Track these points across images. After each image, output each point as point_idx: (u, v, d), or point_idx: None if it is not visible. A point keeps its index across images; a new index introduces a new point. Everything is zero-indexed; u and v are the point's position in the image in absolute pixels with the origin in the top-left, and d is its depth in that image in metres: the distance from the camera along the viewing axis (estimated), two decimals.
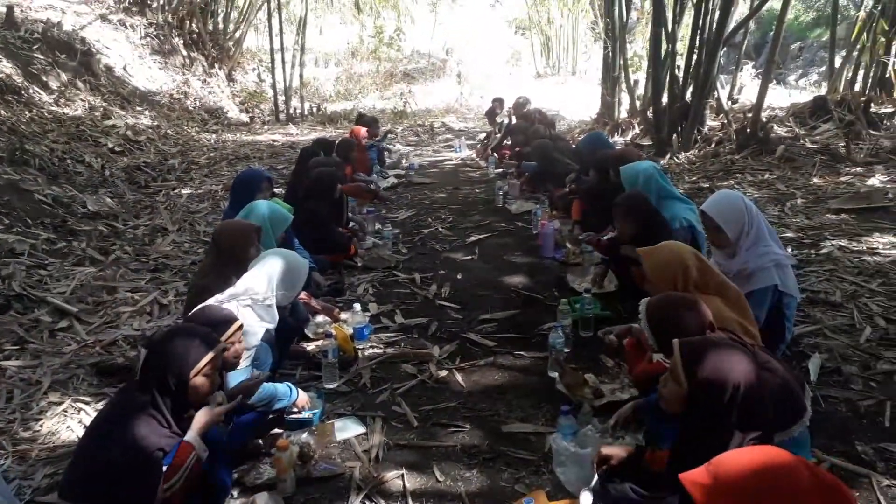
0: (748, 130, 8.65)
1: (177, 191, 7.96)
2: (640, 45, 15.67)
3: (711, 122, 9.71)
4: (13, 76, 8.67)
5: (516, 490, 2.73)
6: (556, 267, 5.36)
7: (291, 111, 15.41)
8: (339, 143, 7.61)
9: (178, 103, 12.88)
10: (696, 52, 9.34)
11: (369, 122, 9.47)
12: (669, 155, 9.12)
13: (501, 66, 23.88)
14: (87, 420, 3.27)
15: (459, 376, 3.71)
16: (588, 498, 2.54)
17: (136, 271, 5.36)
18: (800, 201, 6.62)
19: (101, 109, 9.78)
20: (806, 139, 8.44)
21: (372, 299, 4.81)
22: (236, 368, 2.92)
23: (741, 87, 11.92)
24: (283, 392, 3.06)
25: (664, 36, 9.86)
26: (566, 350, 3.76)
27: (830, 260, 5.06)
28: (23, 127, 7.67)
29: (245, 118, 14.74)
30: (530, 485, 2.76)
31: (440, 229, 6.56)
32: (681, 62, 10.09)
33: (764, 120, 8.86)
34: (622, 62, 12.02)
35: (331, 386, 3.59)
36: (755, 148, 8.41)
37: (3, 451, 3.05)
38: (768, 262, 3.33)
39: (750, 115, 8.91)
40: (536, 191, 7.60)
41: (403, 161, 9.88)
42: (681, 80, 9.77)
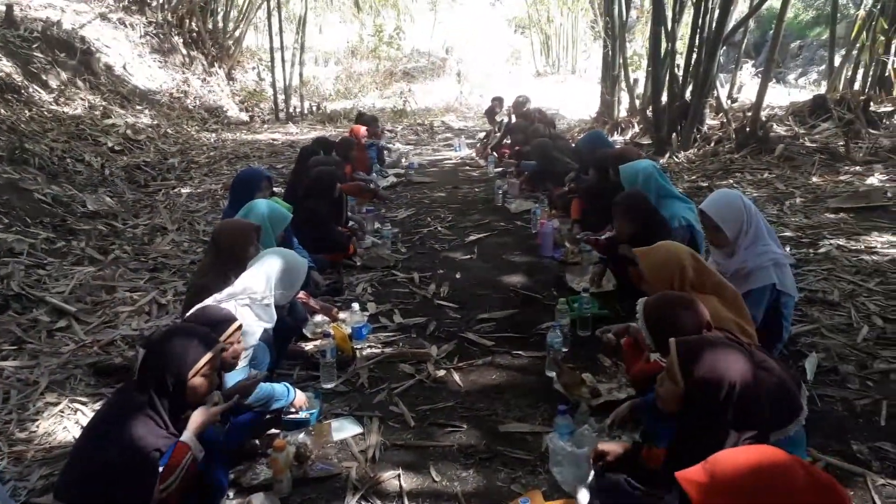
0: (747, 129, 8.64)
1: (176, 190, 7.97)
2: (639, 43, 15.65)
3: (711, 120, 9.70)
4: (13, 75, 8.67)
5: (513, 490, 2.73)
6: (554, 266, 5.36)
7: (291, 110, 15.41)
8: (339, 142, 7.61)
9: (178, 102, 12.88)
10: (695, 51, 9.34)
11: (369, 120, 9.47)
12: (669, 154, 9.12)
13: (501, 65, 23.87)
14: (84, 420, 3.27)
15: (457, 376, 3.71)
16: (585, 495, 2.55)
17: (135, 271, 5.36)
18: (799, 200, 6.62)
19: (101, 108, 9.77)
20: (805, 138, 8.43)
21: (370, 299, 4.82)
22: (235, 369, 2.92)
23: (741, 85, 11.91)
24: (281, 392, 3.06)
25: (664, 34, 9.85)
26: (564, 349, 3.76)
27: (829, 259, 5.06)
28: (22, 126, 7.67)
29: (245, 117, 14.74)
30: (527, 485, 2.76)
31: (439, 228, 6.57)
32: (680, 61, 10.09)
33: (763, 119, 8.85)
34: (622, 61, 12.01)
35: (329, 386, 3.59)
36: (754, 147, 8.40)
37: None
38: (767, 261, 3.33)
39: (749, 114, 8.90)
40: (536, 190, 7.60)
41: (403, 160, 9.87)
42: (680, 79, 9.77)
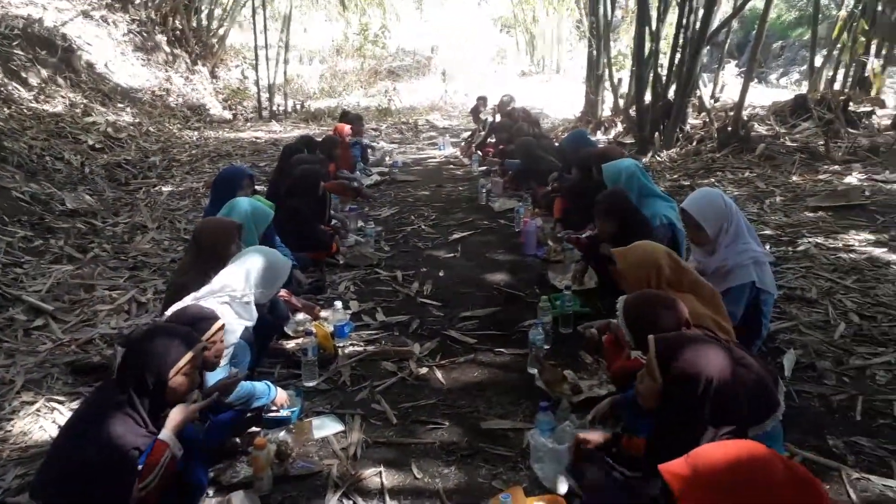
0: (729, 129, 8.71)
1: (157, 188, 7.90)
2: (624, 43, 15.74)
3: (693, 120, 9.78)
4: None
5: (494, 486, 2.74)
6: (537, 264, 5.37)
7: (275, 108, 15.33)
8: (323, 140, 7.59)
9: (161, 100, 12.77)
10: (679, 51, 9.39)
11: (353, 119, 9.44)
12: (651, 153, 9.17)
13: (486, 64, 23.90)
14: (60, 420, 3.24)
15: (439, 373, 3.71)
16: (564, 483, 2.57)
17: (115, 269, 5.31)
18: (779, 199, 6.68)
19: (82, 106, 9.67)
20: (786, 137, 8.51)
21: (353, 297, 4.80)
22: (217, 368, 2.91)
23: (723, 85, 11.97)
24: (262, 390, 3.05)
25: (648, 34, 9.90)
26: (546, 347, 3.78)
27: (807, 257, 5.12)
28: (1, 124, 7.57)
29: (228, 115, 14.64)
30: (508, 481, 2.77)
31: (423, 227, 6.56)
32: (664, 61, 10.14)
33: (745, 118, 8.93)
34: (606, 61, 12.06)
35: (310, 384, 3.58)
36: (736, 146, 8.47)
37: None
38: (747, 259, 3.36)
39: (731, 114, 8.98)
40: (519, 188, 7.61)
41: (387, 158, 9.85)
42: (664, 79, 9.82)
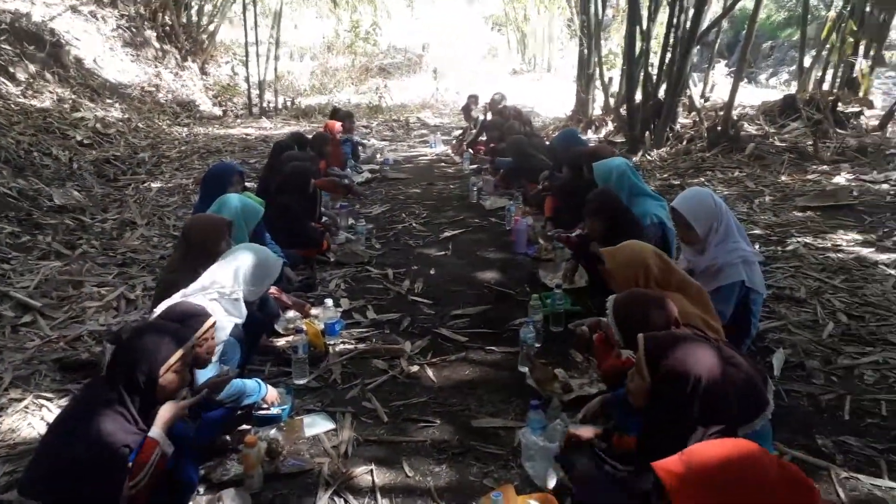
0: (719, 128, 8.75)
1: (146, 184, 7.85)
2: (614, 42, 15.74)
3: (684, 119, 9.82)
4: None
5: (485, 484, 2.74)
6: (528, 263, 5.38)
7: (265, 105, 15.27)
8: (314, 137, 7.57)
9: (150, 96, 12.68)
10: (669, 50, 9.42)
11: (344, 116, 9.41)
12: (642, 152, 9.20)
13: (478, 63, 23.88)
14: (49, 417, 3.22)
15: (430, 371, 3.71)
16: (554, 478, 2.57)
17: (104, 265, 5.28)
18: (768, 199, 6.72)
19: (70, 102, 9.60)
20: (775, 137, 8.56)
21: (344, 295, 4.80)
22: (209, 365, 2.90)
23: (713, 85, 12.02)
24: (252, 388, 3.04)
25: (639, 34, 9.92)
26: (537, 345, 3.78)
27: (796, 257, 5.15)
28: None
29: (218, 112, 14.57)
30: (499, 479, 2.77)
31: (414, 225, 6.56)
32: (655, 60, 10.17)
33: (735, 118, 8.97)
34: (597, 59, 12.08)
35: (301, 382, 3.57)
36: (726, 145, 8.51)
37: None
38: (736, 258, 3.38)
39: (721, 114, 9.02)
40: (511, 187, 7.62)
41: (378, 156, 9.84)
42: (654, 78, 9.85)
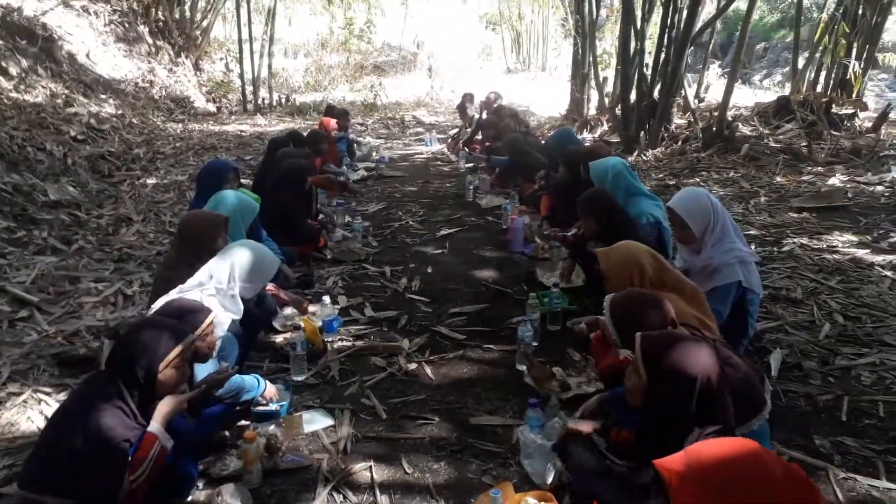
0: (714, 129, 8.78)
1: (142, 180, 7.81)
2: (609, 42, 15.79)
3: (678, 119, 9.84)
4: None
5: (483, 482, 2.75)
6: (525, 261, 5.39)
7: (259, 102, 15.23)
8: (309, 134, 7.56)
9: (144, 92, 12.61)
10: (664, 51, 9.45)
11: (340, 114, 9.41)
12: (637, 152, 9.23)
13: (472, 61, 23.90)
14: (47, 411, 3.21)
15: (429, 369, 3.71)
16: (552, 474, 2.58)
17: (100, 261, 5.26)
18: (763, 199, 6.76)
19: (63, 97, 9.53)
20: (770, 138, 8.60)
21: (341, 292, 4.79)
22: (209, 359, 2.90)
23: (707, 85, 12.09)
24: (251, 384, 3.04)
25: (633, 34, 9.95)
26: (534, 344, 3.79)
27: (792, 257, 5.18)
28: None
29: (212, 108, 14.52)
30: (497, 477, 2.77)
31: (410, 223, 6.56)
32: (649, 60, 10.21)
33: (729, 119, 9.01)
34: (591, 59, 12.10)
35: (299, 378, 3.57)
36: (721, 146, 8.55)
37: None
38: (732, 258, 3.39)
39: (716, 114, 9.05)
40: (507, 186, 7.63)
41: (374, 154, 9.84)
42: (649, 78, 9.89)
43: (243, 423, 3.06)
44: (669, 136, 9.36)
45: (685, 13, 8.93)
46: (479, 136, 9.61)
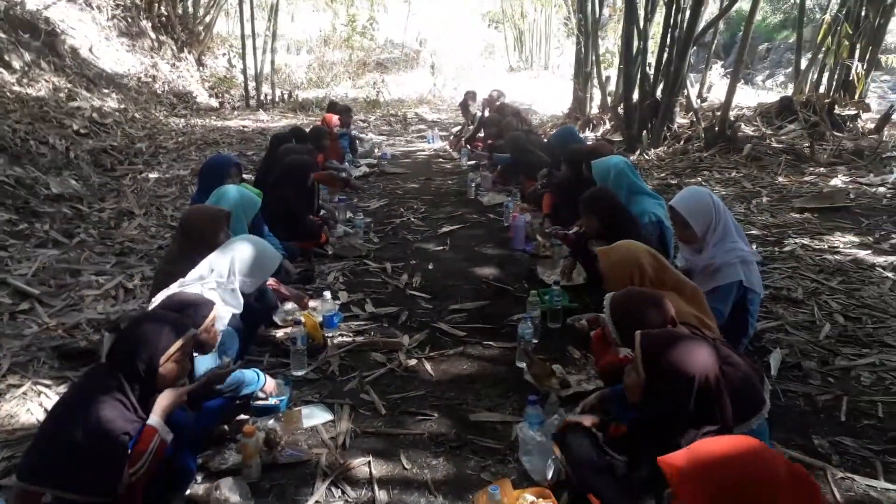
0: (716, 129, 8.78)
1: (144, 175, 7.82)
2: (612, 41, 15.77)
3: (681, 119, 9.84)
4: None
5: (482, 478, 2.75)
6: (526, 259, 5.39)
7: (262, 97, 15.23)
8: (311, 130, 7.56)
9: (146, 87, 12.61)
10: (667, 50, 9.43)
11: (342, 110, 9.41)
12: (639, 151, 9.22)
13: (475, 59, 23.88)
14: (47, 403, 3.22)
15: (428, 365, 3.72)
16: (552, 469, 2.59)
17: (101, 255, 5.27)
18: (765, 199, 6.75)
19: (66, 91, 9.53)
20: (772, 139, 8.60)
21: (342, 288, 4.79)
22: (211, 351, 2.90)
23: (710, 85, 12.07)
24: (251, 378, 3.04)
25: (636, 33, 9.95)
26: (534, 341, 3.80)
27: (793, 258, 5.18)
28: None
29: (214, 103, 14.53)
30: (496, 473, 2.78)
31: (412, 219, 6.56)
32: (652, 59, 10.18)
33: (732, 119, 9.00)
34: (594, 58, 12.09)
35: (299, 373, 3.57)
36: (723, 146, 8.54)
37: None
38: (734, 258, 3.39)
39: (718, 114, 9.05)
40: (508, 183, 7.63)
41: (376, 150, 9.85)
42: (651, 78, 9.87)
43: (243, 417, 3.07)
44: (672, 135, 9.35)
45: (688, 13, 8.91)
46: (482, 134, 9.61)
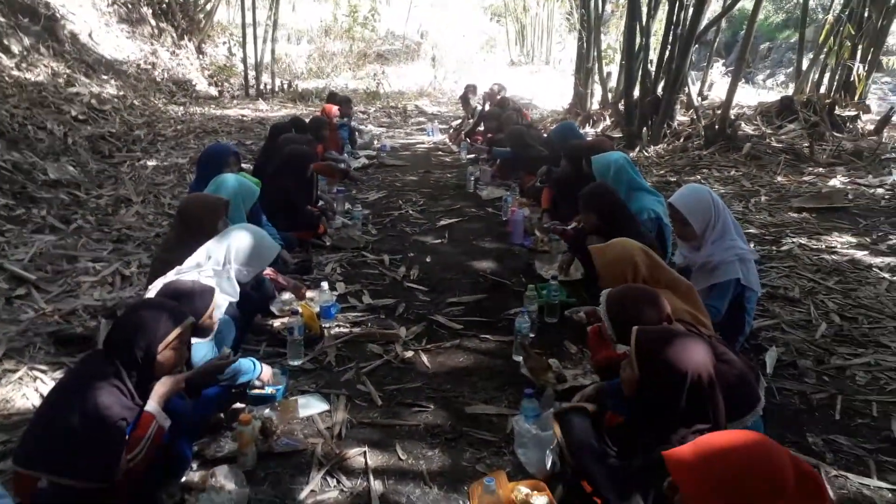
0: (716, 127, 8.78)
1: (142, 162, 7.79)
2: (614, 37, 15.77)
3: (681, 117, 9.85)
4: None
5: (477, 470, 2.76)
6: (524, 253, 5.39)
7: (262, 87, 15.18)
8: (311, 120, 7.54)
9: (146, 74, 12.55)
10: (668, 48, 9.43)
11: (342, 101, 9.39)
12: (639, 148, 9.22)
13: (476, 52, 23.80)
14: (43, 389, 3.22)
15: (425, 357, 3.72)
16: (549, 459, 2.59)
17: (99, 241, 5.25)
18: (764, 198, 6.77)
19: (65, 76, 9.48)
20: (772, 138, 8.61)
21: (340, 279, 4.79)
22: (209, 336, 2.90)
23: (711, 84, 12.08)
24: (247, 367, 3.05)
25: (638, 29, 9.93)
26: (531, 335, 3.79)
27: (791, 257, 5.19)
28: None
29: (214, 92, 14.47)
30: (491, 465, 2.79)
31: (410, 212, 6.56)
32: (653, 56, 10.18)
33: (732, 117, 9.01)
34: (596, 54, 12.08)
35: (295, 363, 3.57)
36: (723, 144, 8.55)
37: None
38: (732, 256, 3.39)
39: (719, 112, 9.05)
40: (508, 178, 7.62)
41: (375, 142, 9.83)
42: (653, 75, 9.87)
43: (239, 405, 3.07)
44: (672, 132, 9.36)
45: (691, 10, 8.90)
46: (482, 128, 9.60)
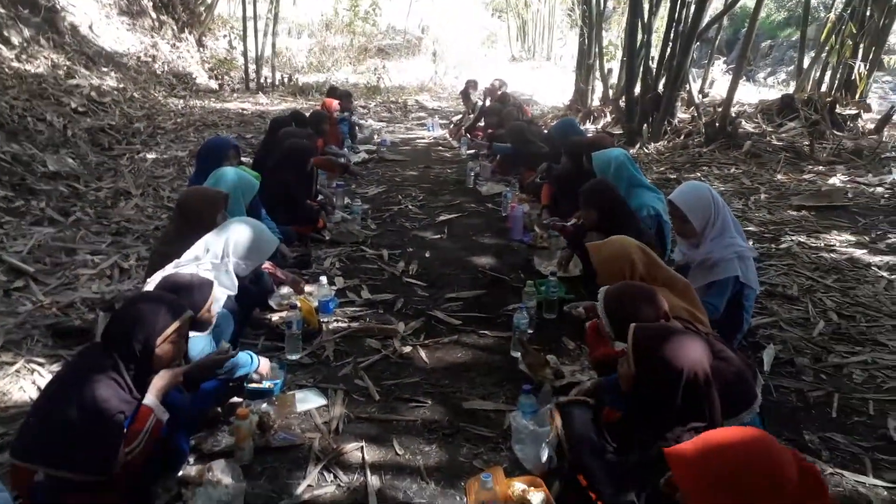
0: (717, 124, 8.78)
1: (141, 155, 7.78)
2: (615, 34, 15.73)
3: (682, 114, 9.83)
4: None
5: (474, 465, 2.76)
6: (523, 249, 5.39)
7: (262, 80, 15.16)
8: (311, 114, 7.53)
9: (146, 66, 12.53)
10: (670, 45, 9.43)
11: (342, 95, 9.36)
12: (639, 145, 9.22)
13: (477, 48, 23.77)
14: (40, 381, 3.22)
15: (423, 353, 3.72)
16: (546, 453, 2.60)
17: (97, 234, 5.25)
18: (763, 196, 6.76)
19: (65, 68, 9.47)
20: (772, 136, 8.60)
21: (338, 273, 4.79)
22: (207, 330, 2.90)
23: (712, 81, 12.08)
24: (244, 360, 3.03)
25: (640, 26, 9.92)
26: (529, 331, 3.80)
27: (789, 255, 5.19)
28: None
29: (214, 85, 14.44)
30: (488, 461, 2.79)
31: (410, 207, 6.55)
32: (655, 53, 10.18)
33: (733, 115, 9.00)
34: (597, 50, 12.07)
35: (293, 357, 3.57)
36: (723, 142, 8.55)
37: None
38: (731, 253, 3.39)
39: (719, 110, 9.05)
40: (508, 173, 7.62)
41: (375, 137, 9.81)
42: (654, 72, 9.87)
43: (236, 399, 3.07)
44: (672, 129, 9.35)
45: (692, 8, 8.90)
46: (482, 123, 9.59)
